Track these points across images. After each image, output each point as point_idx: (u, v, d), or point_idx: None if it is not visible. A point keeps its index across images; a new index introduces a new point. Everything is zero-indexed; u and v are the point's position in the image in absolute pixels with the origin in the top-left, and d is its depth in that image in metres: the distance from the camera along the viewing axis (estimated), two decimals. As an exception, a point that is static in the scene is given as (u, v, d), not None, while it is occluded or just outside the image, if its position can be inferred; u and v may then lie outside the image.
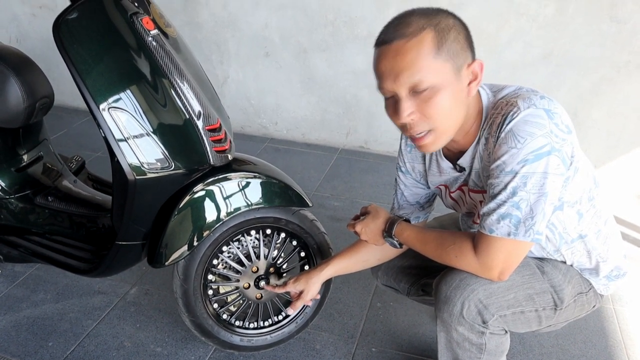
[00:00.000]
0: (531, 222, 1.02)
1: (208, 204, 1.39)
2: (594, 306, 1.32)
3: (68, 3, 1.24)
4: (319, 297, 1.53)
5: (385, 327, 1.78)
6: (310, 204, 1.55)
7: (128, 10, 1.27)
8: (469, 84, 1.03)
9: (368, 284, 1.97)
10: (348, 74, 2.85)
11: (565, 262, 1.25)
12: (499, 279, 1.10)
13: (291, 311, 1.47)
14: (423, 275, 1.48)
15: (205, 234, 1.40)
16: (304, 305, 1.63)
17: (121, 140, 1.22)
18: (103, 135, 1.23)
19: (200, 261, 1.47)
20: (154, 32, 1.30)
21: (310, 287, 1.42)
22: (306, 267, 1.61)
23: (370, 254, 1.42)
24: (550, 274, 1.21)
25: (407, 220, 1.29)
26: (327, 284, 1.63)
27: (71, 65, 1.20)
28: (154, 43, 1.29)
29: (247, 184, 1.43)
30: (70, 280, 1.96)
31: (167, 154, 1.28)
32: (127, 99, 1.22)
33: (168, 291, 1.90)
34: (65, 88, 3.59)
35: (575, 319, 1.32)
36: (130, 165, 1.24)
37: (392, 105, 1.05)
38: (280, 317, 1.64)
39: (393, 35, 0.98)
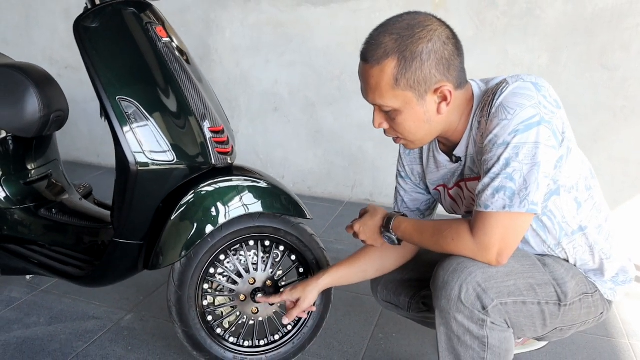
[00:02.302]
0: (525, 193, 1.02)
1: (207, 205, 1.41)
2: (601, 313, 1.26)
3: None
4: (314, 308, 1.48)
5: (387, 357, 1.69)
6: (310, 217, 1.55)
7: (144, 19, 1.39)
8: (439, 104, 1.08)
9: (370, 316, 1.90)
10: (353, 126, 2.96)
11: (568, 261, 1.22)
12: (498, 262, 1.07)
13: (286, 320, 1.42)
14: (423, 287, 1.44)
15: (203, 235, 1.40)
16: (301, 320, 1.58)
17: (126, 128, 1.28)
18: (111, 125, 1.28)
19: (196, 268, 1.45)
20: (166, 39, 1.40)
21: (307, 295, 1.38)
22: (304, 284, 1.57)
23: (369, 264, 1.40)
24: (552, 267, 1.17)
25: (405, 216, 1.29)
26: (326, 303, 1.58)
27: (87, 59, 1.29)
28: (165, 49, 1.38)
29: (248, 188, 1.45)
30: (65, 307, 1.92)
31: (169, 146, 1.32)
32: (135, 92, 1.29)
33: (164, 319, 1.85)
34: (81, 145, 3.76)
35: (583, 325, 1.26)
36: (133, 153, 1.28)
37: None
38: (277, 337, 1.58)
39: (366, 53, 1.06)
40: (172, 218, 1.38)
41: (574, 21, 2.37)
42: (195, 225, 1.39)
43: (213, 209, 1.41)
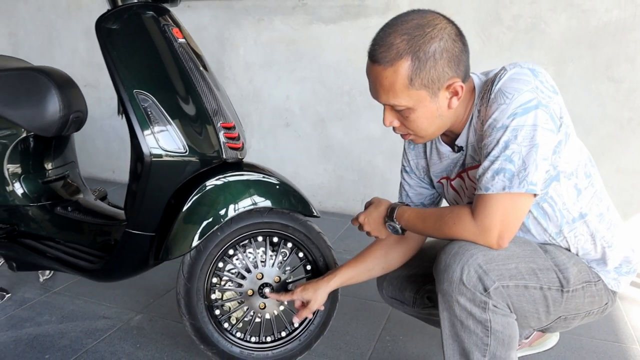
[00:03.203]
0: (524, 174, 1.04)
1: (217, 198, 1.45)
2: (606, 303, 1.26)
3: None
4: (322, 307, 1.50)
5: (393, 359, 1.68)
6: (318, 215, 1.59)
7: (162, 22, 1.46)
8: (450, 99, 1.12)
9: (378, 319, 1.91)
10: (363, 140, 3.00)
11: (569, 250, 1.23)
12: (499, 245, 1.09)
13: (297, 320, 1.44)
14: (427, 282, 1.45)
15: (213, 227, 1.43)
16: (307, 318, 1.59)
17: (142, 121, 1.33)
18: (128, 118, 1.34)
19: (205, 261, 1.48)
20: (182, 40, 1.47)
21: (317, 296, 1.40)
22: (312, 281, 1.59)
23: (374, 262, 1.42)
24: (553, 253, 1.19)
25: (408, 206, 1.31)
26: (332, 302, 1.59)
27: (108, 57, 1.35)
28: (181, 49, 1.45)
29: (258, 183, 1.49)
30: (77, 307, 1.95)
31: (182, 139, 1.37)
32: (151, 87, 1.36)
33: (172, 319, 1.87)
34: (97, 161, 3.85)
35: (587, 316, 1.25)
36: (148, 145, 1.33)
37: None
38: (284, 334, 1.59)
39: (376, 55, 1.08)
40: (183, 210, 1.42)
41: (578, 35, 2.42)
42: (205, 217, 1.43)
43: (223, 202, 1.44)
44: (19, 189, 1.72)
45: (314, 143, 3.13)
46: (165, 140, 1.36)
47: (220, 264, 1.52)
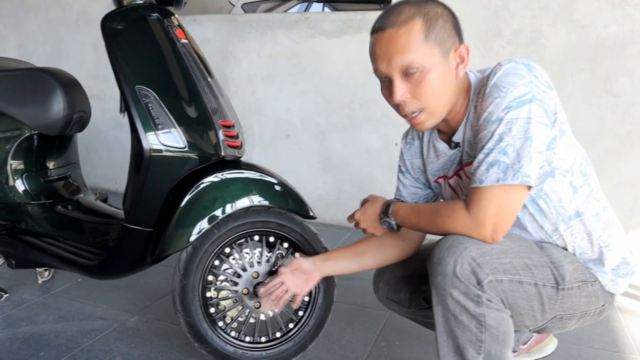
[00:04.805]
0: (518, 166, 1.05)
1: (215, 195, 1.46)
2: (603, 305, 1.25)
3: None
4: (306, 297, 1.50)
5: (390, 364, 1.67)
6: (315, 216, 1.60)
7: (165, 23, 1.50)
8: (457, 66, 1.15)
9: (374, 325, 1.89)
10: (363, 153, 3.02)
11: (566, 249, 1.23)
12: (493, 239, 1.09)
13: (296, 305, 1.43)
14: (423, 283, 1.45)
15: (210, 224, 1.44)
16: (302, 318, 1.58)
17: (143, 116, 1.36)
18: (129, 113, 1.37)
19: (201, 258, 1.49)
20: (185, 41, 1.51)
21: (310, 280, 1.38)
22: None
23: (369, 253, 1.41)
24: (549, 251, 1.18)
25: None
26: (328, 303, 1.58)
27: (112, 55, 1.39)
28: (183, 49, 1.49)
29: (256, 181, 1.51)
30: (74, 308, 1.95)
31: (182, 135, 1.39)
32: (153, 83, 1.39)
33: (168, 322, 1.86)
34: (100, 171, 3.88)
35: (584, 317, 1.24)
36: (148, 139, 1.35)
37: (387, 87, 1.17)
38: (278, 334, 1.58)
39: (386, 23, 1.12)
40: (180, 206, 1.44)
41: (578, 49, 2.46)
42: (203, 214, 1.44)
43: (220, 199, 1.46)
44: (20, 186, 1.74)
45: (314, 155, 3.16)
46: (165, 135, 1.38)
47: (216, 262, 1.53)
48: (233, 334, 1.55)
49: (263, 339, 1.56)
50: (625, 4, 2.36)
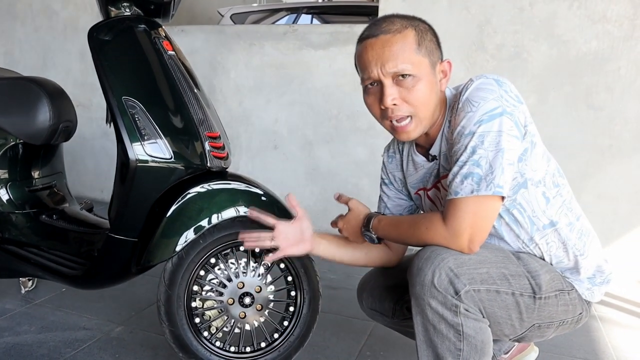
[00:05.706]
0: (491, 177, 1.08)
1: (201, 205, 1.47)
2: (580, 313, 1.28)
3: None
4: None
5: (374, 373, 1.68)
6: (300, 227, 1.60)
7: (152, 35, 1.52)
8: (441, 80, 1.20)
9: (359, 336, 1.90)
10: (350, 164, 3.05)
11: (543, 259, 1.26)
12: (469, 249, 1.12)
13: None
14: (407, 293, 1.46)
15: (195, 235, 1.45)
16: (287, 329, 1.58)
17: (129, 126, 1.37)
18: (115, 123, 1.38)
19: (187, 268, 1.49)
20: (172, 53, 1.53)
21: (300, 244, 1.35)
22: (292, 293, 1.60)
23: (357, 248, 1.42)
24: (526, 261, 1.21)
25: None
26: (313, 312, 1.59)
27: (99, 65, 1.40)
28: (170, 60, 1.50)
29: (241, 192, 1.52)
30: (57, 318, 1.93)
31: (168, 146, 1.41)
32: (139, 94, 1.40)
33: (153, 332, 1.86)
34: (86, 180, 3.86)
35: (562, 325, 1.27)
36: (134, 150, 1.36)
37: (375, 93, 1.19)
38: (263, 344, 1.58)
39: (379, 31, 1.16)
40: (166, 216, 1.44)
41: (559, 64, 2.52)
42: (188, 224, 1.45)
43: (206, 210, 1.47)
44: (4, 195, 1.74)
45: (301, 165, 3.17)
46: (151, 146, 1.39)
47: (202, 272, 1.53)
48: (218, 344, 1.55)
49: (248, 349, 1.57)
50: (604, 20, 2.42)
